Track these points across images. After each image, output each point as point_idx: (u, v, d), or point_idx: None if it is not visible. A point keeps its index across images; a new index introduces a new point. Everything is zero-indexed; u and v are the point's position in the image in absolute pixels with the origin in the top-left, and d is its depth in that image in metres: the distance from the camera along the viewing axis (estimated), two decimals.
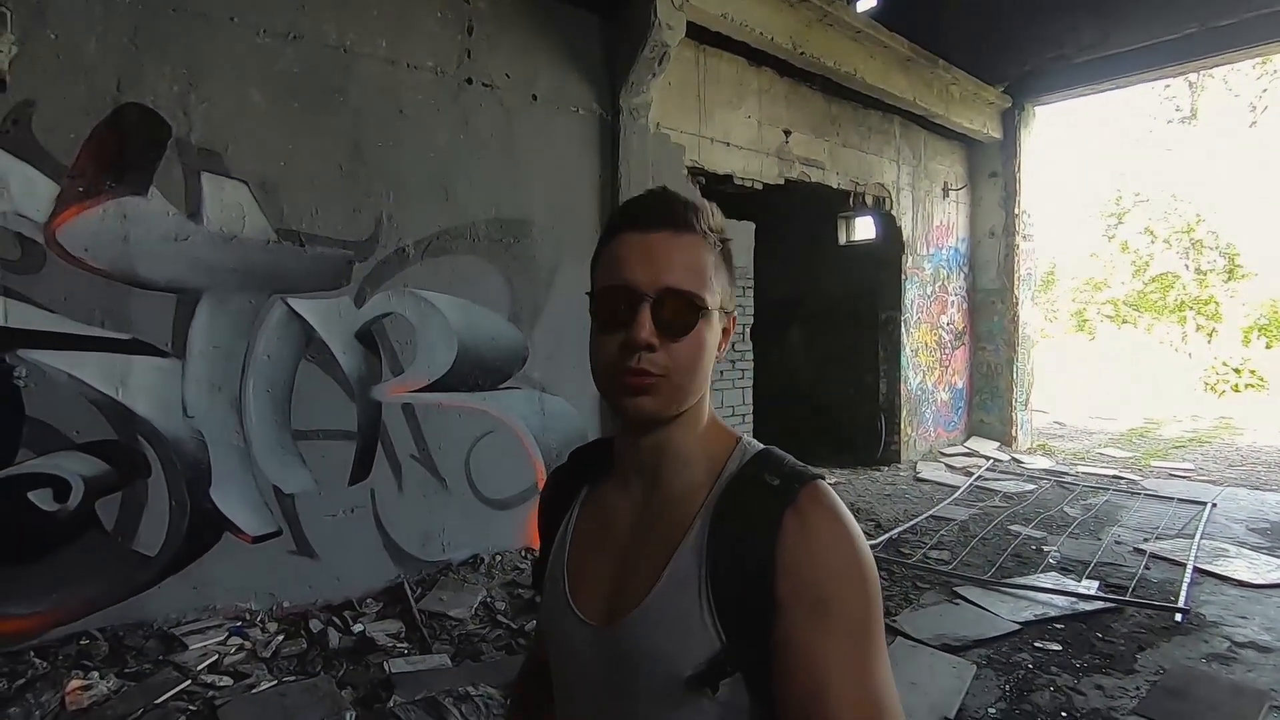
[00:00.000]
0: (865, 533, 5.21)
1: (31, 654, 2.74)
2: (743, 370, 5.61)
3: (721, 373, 5.47)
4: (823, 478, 0.76)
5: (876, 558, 4.19)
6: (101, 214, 2.90)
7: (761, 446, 0.82)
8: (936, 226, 8.04)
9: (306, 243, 3.44)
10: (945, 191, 8.11)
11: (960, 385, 8.61)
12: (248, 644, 3.05)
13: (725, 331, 0.81)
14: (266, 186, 3.32)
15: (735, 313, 0.83)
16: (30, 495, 2.78)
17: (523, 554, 4.19)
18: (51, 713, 2.50)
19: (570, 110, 4.46)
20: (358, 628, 3.32)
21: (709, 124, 5.33)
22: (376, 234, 3.67)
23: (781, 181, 5.94)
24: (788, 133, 5.95)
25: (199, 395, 3.17)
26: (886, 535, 5.05)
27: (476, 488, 4.06)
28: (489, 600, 3.68)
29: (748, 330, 5.66)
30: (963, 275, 8.56)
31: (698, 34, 4.95)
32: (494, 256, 4.12)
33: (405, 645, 3.22)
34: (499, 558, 4.11)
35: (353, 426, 3.63)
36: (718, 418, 0.84)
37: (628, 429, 0.81)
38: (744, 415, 5.62)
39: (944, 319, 8.26)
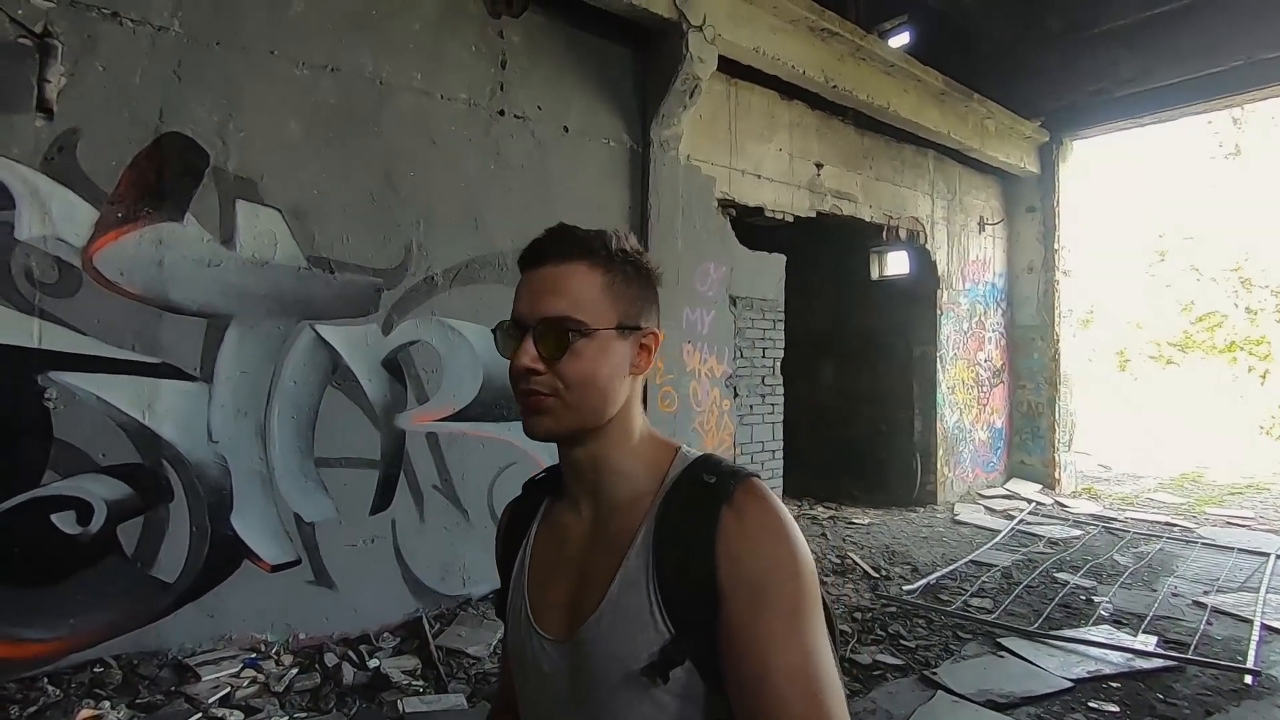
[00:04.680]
0: (901, 577, 4.99)
1: (45, 680, 2.70)
2: (772, 405, 5.48)
3: (751, 407, 5.35)
4: (758, 475, 0.81)
5: (913, 603, 3.96)
6: (138, 239, 2.95)
7: (700, 453, 0.87)
8: (972, 261, 7.88)
9: (336, 270, 3.46)
10: (981, 226, 7.96)
11: (999, 425, 8.32)
12: (261, 677, 2.98)
13: (643, 347, 0.85)
14: (299, 214, 3.35)
15: (653, 328, 0.86)
16: (53, 517, 2.78)
17: None
18: None
19: (601, 141, 4.47)
20: (373, 663, 3.22)
21: (740, 156, 5.31)
22: (405, 262, 3.67)
23: (813, 214, 5.88)
24: (819, 166, 5.90)
25: (225, 420, 3.16)
26: (924, 580, 4.81)
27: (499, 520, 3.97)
28: None
29: (777, 364, 5.55)
30: (1000, 311, 8.34)
31: (729, 67, 4.97)
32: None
33: (421, 683, 3.12)
34: None
35: (376, 455, 3.59)
36: (656, 432, 0.89)
37: (560, 451, 0.86)
38: (774, 451, 5.47)
39: (981, 355, 8.03)
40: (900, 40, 8.03)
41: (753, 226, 5.66)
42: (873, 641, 3.82)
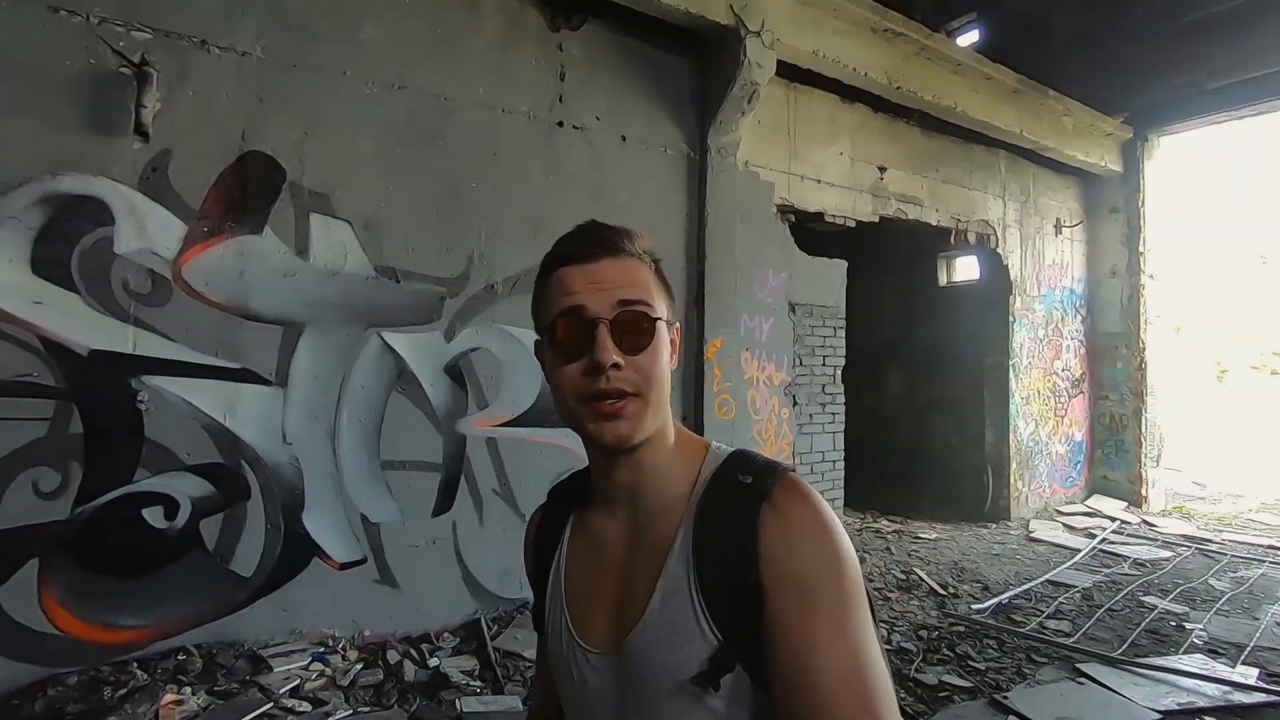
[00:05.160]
0: (971, 596, 4.78)
1: (135, 665, 2.88)
2: (833, 414, 5.35)
3: (811, 416, 5.24)
4: (794, 470, 0.79)
5: (983, 623, 3.78)
6: (222, 251, 3.13)
7: (732, 449, 0.84)
8: (1049, 265, 7.51)
9: (402, 279, 3.59)
10: (1058, 228, 7.59)
11: (1079, 438, 7.88)
12: (328, 671, 3.09)
13: (673, 344, 0.83)
14: (369, 226, 3.50)
15: (679, 325, 0.85)
16: (144, 512, 2.97)
17: None
18: None
19: (659, 150, 4.49)
20: (434, 662, 3.30)
21: (799, 161, 5.24)
22: (468, 271, 3.78)
23: (876, 219, 5.73)
24: (883, 169, 5.76)
25: (298, 423, 3.31)
26: (996, 600, 4.59)
27: None
28: None
29: (838, 372, 5.42)
30: (1080, 318, 7.92)
31: (789, 71, 4.91)
32: None
33: (479, 684, 3.17)
34: None
35: (438, 458, 3.69)
36: (683, 428, 0.86)
37: (602, 455, 0.81)
38: (834, 462, 5.34)
39: (1058, 364, 7.63)
40: (969, 39, 7.78)
41: (813, 232, 5.56)
42: (939, 661, 3.67)
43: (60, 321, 2.83)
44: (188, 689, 2.80)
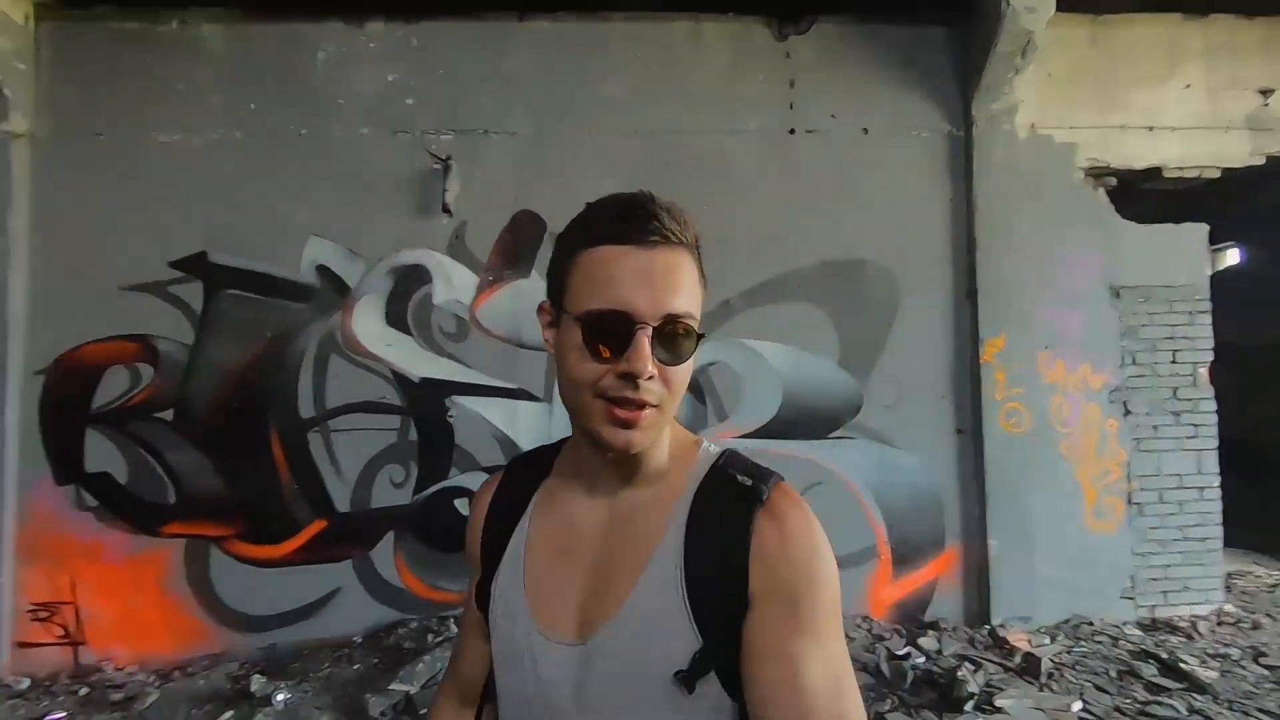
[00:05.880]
0: None
1: (452, 621, 3.71)
2: (1194, 426, 4.08)
3: (1155, 428, 4.08)
4: (783, 477, 0.77)
5: None
6: (501, 295, 3.89)
7: (723, 446, 0.83)
8: None
9: None
10: None
11: None
12: None
13: None
14: None
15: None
16: (455, 502, 3.83)
17: (858, 621, 3.81)
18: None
19: (910, 135, 4.08)
20: None
21: (1117, 109, 4.18)
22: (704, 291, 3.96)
23: (1258, 161, 4.22)
24: (1267, 92, 4.22)
25: (563, 433, 3.88)
26: None
27: None
28: None
29: (1200, 372, 4.11)
30: None
31: (1088, 4, 4.01)
32: (822, 301, 3.99)
33: None
34: None
35: None
36: (677, 422, 0.83)
37: (597, 448, 0.76)
38: (1200, 489, 4.05)
39: None
40: None
41: (1142, 194, 4.36)
42: None
43: (402, 357, 3.85)
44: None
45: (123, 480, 3.71)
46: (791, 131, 4.05)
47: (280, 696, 3.17)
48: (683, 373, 0.73)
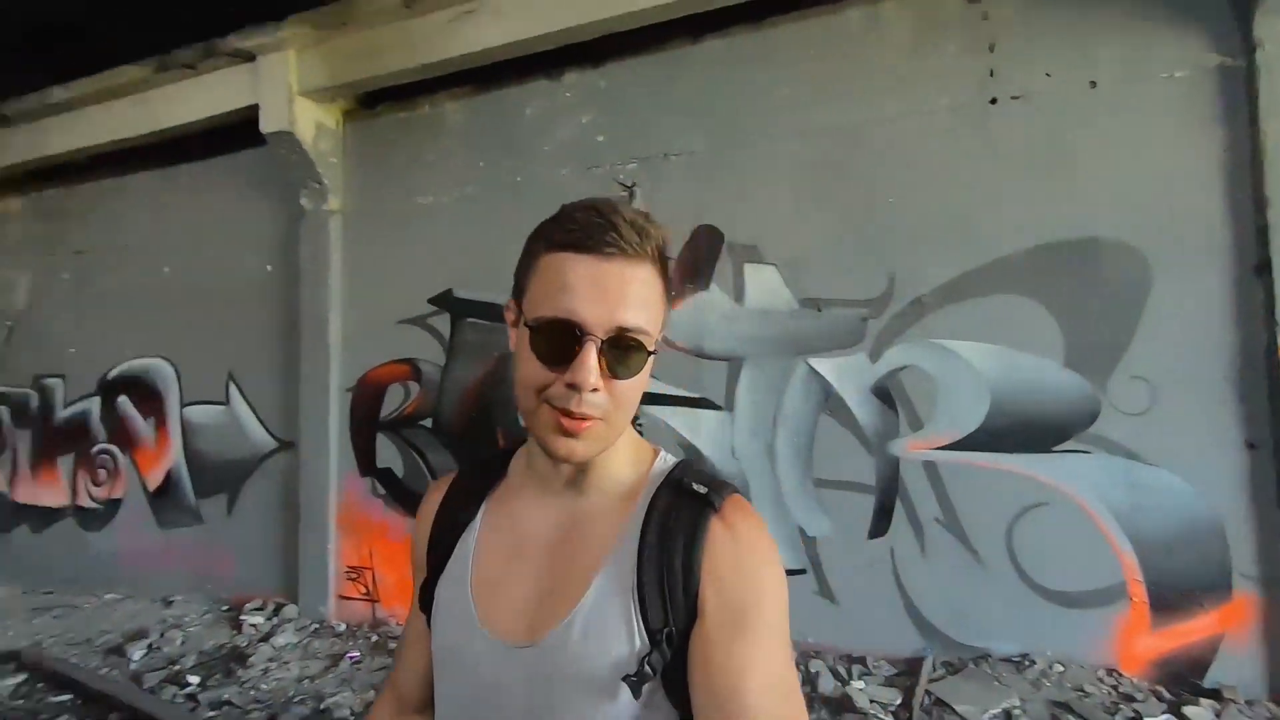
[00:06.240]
0: None
1: None
2: None
3: None
4: (739, 490, 0.80)
5: None
6: (684, 308, 4.06)
7: (680, 457, 0.86)
8: None
9: (823, 307, 3.80)
10: None
11: None
12: None
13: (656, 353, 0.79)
14: (792, 265, 3.87)
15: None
16: None
17: (1100, 674, 3.17)
18: None
19: (1156, 80, 3.31)
20: (857, 684, 3.30)
21: None
22: (890, 289, 3.68)
23: None
24: None
25: (744, 442, 3.91)
26: None
27: (1025, 571, 3.35)
28: (1014, 712, 2.99)
29: None
30: None
31: None
32: (1037, 290, 3.43)
33: (887, 719, 3.02)
34: (1058, 667, 3.24)
35: (870, 480, 3.66)
36: (634, 431, 0.84)
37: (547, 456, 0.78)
38: None
39: None
40: None
41: None
42: None
43: None
44: None
45: (400, 474, 4.69)
46: (993, 101, 3.57)
47: None
48: (631, 387, 0.74)
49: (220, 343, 5.37)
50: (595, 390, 0.70)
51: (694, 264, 4.07)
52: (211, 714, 3.49)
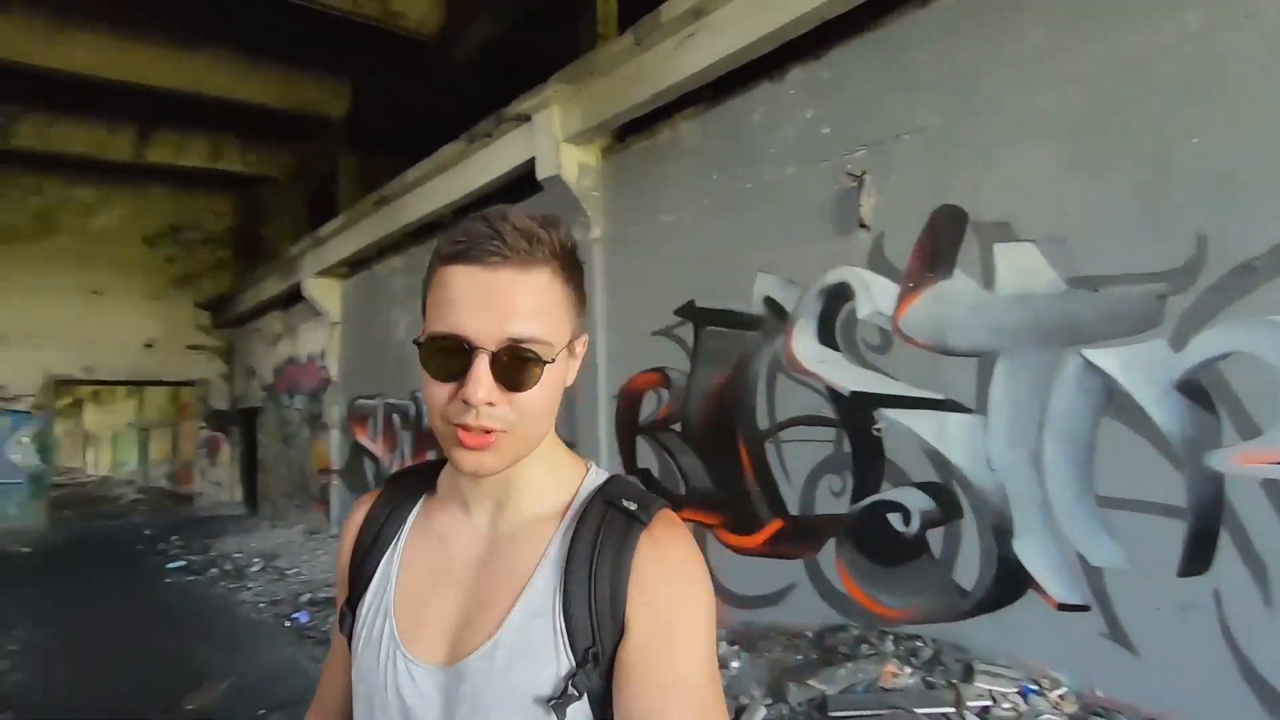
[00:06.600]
0: None
1: (889, 636, 3.66)
2: None
3: None
4: (669, 505, 0.78)
5: None
6: (922, 300, 3.68)
7: (610, 473, 0.84)
8: None
9: (1100, 286, 3.10)
10: None
11: None
12: (1021, 708, 2.99)
13: (575, 356, 0.78)
14: (1054, 239, 3.24)
15: (585, 335, 0.79)
16: (888, 516, 3.77)
17: None
18: (870, 680, 3.35)
19: None
20: None
21: None
22: (1198, 256, 2.85)
23: None
24: None
25: (1001, 450, 3.38)
26: None
27: None
28: None
29: None
30: None
31: None
32: None
33: None
34: None
35: (1178, 501, 2.87)
36: (562, 444, 0.83)
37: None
38: None
39: None
40: None
41: None
42: None
43: (833, 373, 4.06)
44: (907, 668, 3.37)
45: (656, 475, 5.06)
46: None
47: (734, 664, 3.80)
48: (534, 398, 0.70)
49: None
50: (491, 404, 0.68)
51: (933, 251, 3.66)
52: None
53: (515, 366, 0.68)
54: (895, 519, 3.75)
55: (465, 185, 6.54)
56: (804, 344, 4.20)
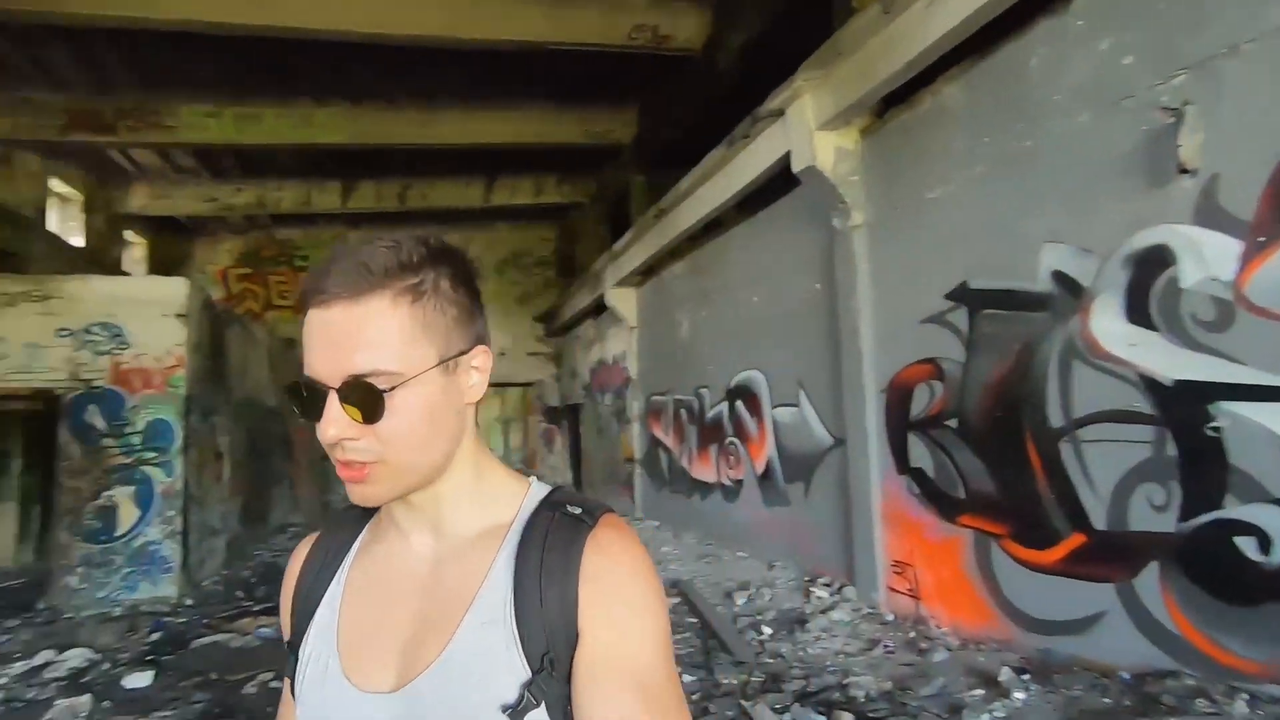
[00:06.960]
0: None
1: (1243, 697, 2.84)
2: None
3: None
4: (613, 509, 0.80)
5: None
6: (1274, 263, 2.78)
7: (551, 485, 0.85)
8: None
9: None
10: None
11: None
12: None
13: (475, 369, 0.77)
14: None
15: (483, 344, 0.78)
16: (1236, 539, 2.92)
17: None
18: None
19: None
20: None
21: None
22: None
23: None
24: None
25: None
26: None
27: None
28: None
29: None
30: None
31: None
32: None
33: None
34: None
35: None
36: (500, 463, 0.84)
37: None
38: None
39: None
40: None
41: None
42: None
43: (1149, 357, 3.29)
44: None
45: (930, 475, 4.64)
46: None
47: (1018, 694, 3.33)
48: (395, 425, 0.69)
49: (790, 354, 6.41)
50: (353, 438, 0.69)
51: None
52: (768, 660, 4.30)
53: (361, 400, 0.68)
54: (1247, 544, 2.90)
55: (727, 188, 6.74)
56: (1107, 324, 3.47)
